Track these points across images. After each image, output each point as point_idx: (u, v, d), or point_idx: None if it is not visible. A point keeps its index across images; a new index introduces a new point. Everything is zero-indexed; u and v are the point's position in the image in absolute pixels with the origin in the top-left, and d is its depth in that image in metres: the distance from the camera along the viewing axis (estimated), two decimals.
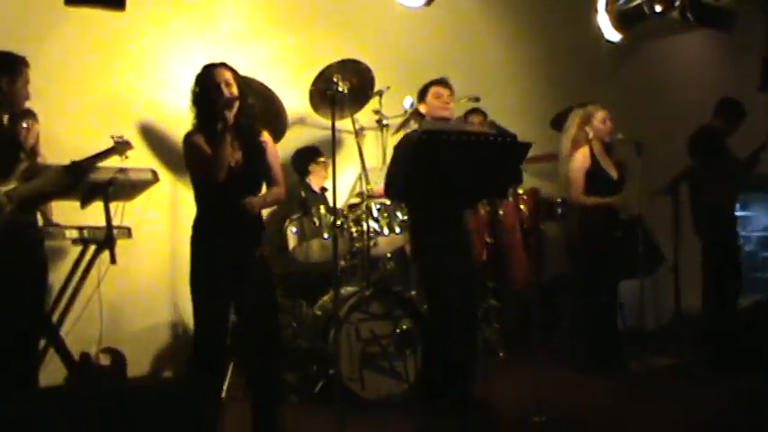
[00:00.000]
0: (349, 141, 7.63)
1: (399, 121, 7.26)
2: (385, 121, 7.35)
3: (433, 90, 5.94)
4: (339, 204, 7.11)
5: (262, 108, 5.68)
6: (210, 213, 4.94)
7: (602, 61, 9.48)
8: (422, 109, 6.00)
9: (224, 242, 4.88)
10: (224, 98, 4.80)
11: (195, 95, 4.95)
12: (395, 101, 7.15)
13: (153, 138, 7.17)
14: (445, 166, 4.56)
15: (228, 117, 4.82)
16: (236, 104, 4.87)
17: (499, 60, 9.16)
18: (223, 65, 4.96)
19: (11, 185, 5.17)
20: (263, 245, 5.07)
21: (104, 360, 6.47)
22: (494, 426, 5.52)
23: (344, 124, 7.30)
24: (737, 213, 8.04)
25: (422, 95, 6.03)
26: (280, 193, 5.14)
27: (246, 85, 5.13)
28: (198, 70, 5.01)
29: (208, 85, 4.86)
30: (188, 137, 4.97)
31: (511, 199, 7.45)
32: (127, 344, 6.63)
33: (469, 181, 4.74)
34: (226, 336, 5.01)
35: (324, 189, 7.36)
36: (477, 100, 7.42)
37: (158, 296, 7.21)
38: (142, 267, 7.01)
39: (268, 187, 5.08)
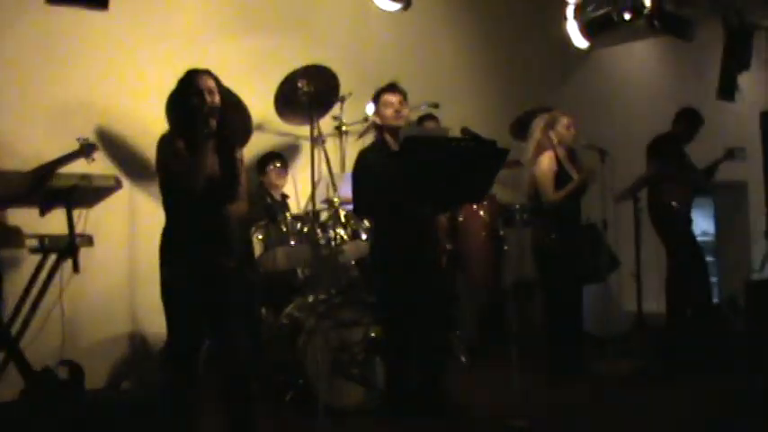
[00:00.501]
0: (307, 148, 7.56)
1: (359, 128, 7.28)
2: (344, 128, 7.30)
3: (383, 99, 5.77)
4: (297, 211, 7.11)
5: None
6: (183, 222, 4.81)
7: (558, 68, 9.58)
8: (376, 119, 5.82)
9: (196, 252, 4.77)
10: (207, 106, 4.69)
11: (176, 100, 4.82)
12: (353, 107, 7.14)
13: (110, 143, 7.02)
14: (428, 171, 4.54)
15: (212, 126, 4.70)
16: (217, 114, 4.76)
17: (459, 68, 9.24)
18: (207, 72, 4.84)
19: None
20: (235, 255, 4.98)
21: (62, 373, 6.34)
22: (469, 429, 5.50)
23: (303, 130, 7.25)
24: None
25: (375, 105, 5.86)
26: (244, 208, 5.03)
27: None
28: (177, 74, 4.88)
29: (191, 90, 4.74)
30: (166, 140, 4.80)
31: (474, 205, 7.44)
32: (84, 356, 6.43)
33: (450, 186, 4.72)
34: (200, 345, 4.91)
35: (284, 196, 7.27)
36: (436, 106, 7.46)
37: (116, 306, 7.06)
38: (99, 276, 6.79)
39: (233, 201, 4.94)
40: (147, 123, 6.89)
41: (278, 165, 7.23)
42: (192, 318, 4.82)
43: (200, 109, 4.66)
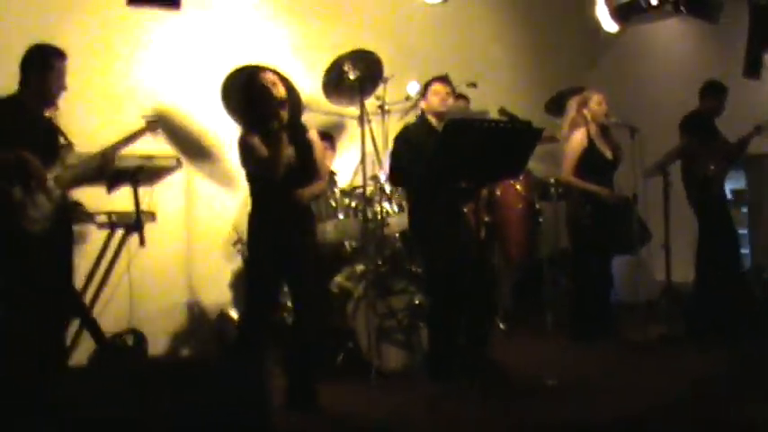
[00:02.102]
0: (351, 127, 7.94)
1: (400, 107, 7.62)
2: (387, 108, 7.64)
3: (433, 87, 6.22)
4: (343, 186, 7.48)
5: None
6: (268, 206, 5.30)
7: (588, 49, 9.88)
8: (422, 105, 6.28)
9: (281, 230, 5.30)
10: (276, 99, 5.14)
11: (246, 98, 5.29)
12: (395, 88, 7.46)
13: (165, 125, 7.24)
14: (470, 150, 4.93)
15: (282, 117, 5.15)
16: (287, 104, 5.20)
17: (494, 50, 9.51)
18: (267, 67, 5.33)
19: (56, 171, 5.47)
20: (314, 232, 5.58)
21: (128, 340, 6.77)
22: (507, 388, 5.82)
23: (347, 110, 7.63)
24: None
25: (424, 92, 6.31)
26: (324, 187, 5.56)
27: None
28: (245, 74, 5.45)
29: (258, 87, 5.20)
30: (243, 138, 5.33)
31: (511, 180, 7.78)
32: (145, 324, 6.86)
33: (490, 163, 5.12)
34: (276, 312, 5.41)
35: (332, 173, 7.66)
36: (474, 85, 7.73)
37: (175, 278, 7.46)
38: (159, 250, 7.12)
39: (314, 181, 5.46)
40: (199, 106, 7.41)
41: (325, 144, 7.62)
42: (272, 289, 5.44)
43: (270, 104, 5.12)
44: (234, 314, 7.26)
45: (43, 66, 5.47)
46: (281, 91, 5.25)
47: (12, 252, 5.26)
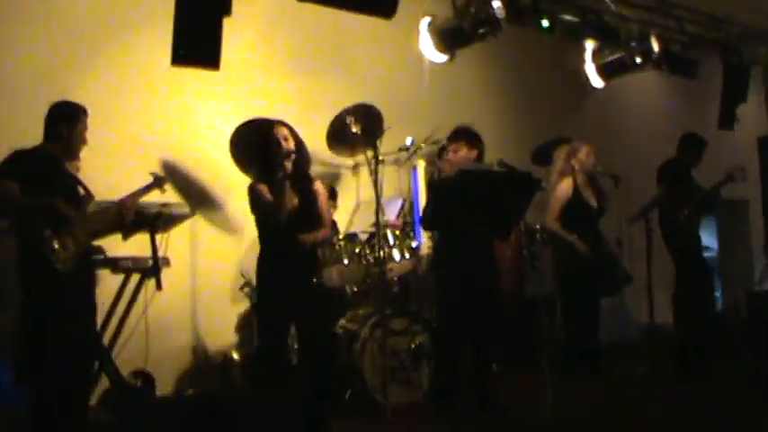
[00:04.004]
0: (346, 176, 8.32)
1: (394, 157, 8.00)
2: (381, 157, 7.99)
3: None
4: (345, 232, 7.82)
5: None
6: (273, 250, 5.69)
7: (571, 101, 10.33)
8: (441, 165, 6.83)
9: (287, 274, 5.69)
10: (284, 151, 5.58)
11: (259, 149, 5.73)
12: (388, 139, 7.81)
13: (174, 174, 7.65)
14: (478, 197, 5.35)
15: (287, 168, 5.57)
16: (293, 157, 5.62)
17: (483, 105, 9.92)
18: (280, 122, 5.74)
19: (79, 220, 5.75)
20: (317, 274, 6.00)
21: (135, 381, 7.05)
22: (507, 424, 6.16)
23: (342, 161, 8.02)
24: None
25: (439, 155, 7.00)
26: (327, 234, 6.00)
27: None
28: (259, 126, 5.85)
29: (269, 140, 5.65)
30: (252, 187, 5.77)
31: None
32: (153, 366, 7.15)
33: (496, 210, 5.53)
34: (288, 351, 5.77)
35: (333, 222, 8.00)
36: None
37: (180, 321, 7.74)
38: (164, 294, 7.08)
39: (317, 229, 5.88)
40: (204, 155, 7.75)
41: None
42: (282, 326, 5.80)
43: (278, 156, 5.56)
44: (237, 357, 7.54)
45: (72, 120, 5.75)
46: (290, 145, 5.70)
47: (42, 290, 5.47)
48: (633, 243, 8.37)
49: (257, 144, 5.84)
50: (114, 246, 6.61)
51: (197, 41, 6.22)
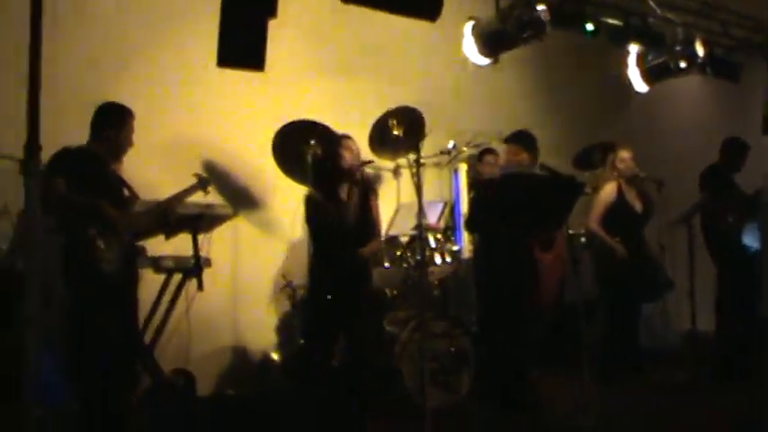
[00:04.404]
0: (388, 179, 8.33)
1: (434, 160, 8.01)
2: (422, 161, 7.99)
3: (485, 158, 6.93)
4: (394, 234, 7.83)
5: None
6: (330, 259, 5.74)
7: (614, 105, 10.29)
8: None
9: (342, 281, 5.82)
10: (349, 165, 5.62)
11: (320, 160, 5.78)
12: (429, 141, 7.81)
13: (216, 175, 7.65)
14: (520, 201, 5.34)
15: (356, 181, 5.61)
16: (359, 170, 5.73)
17: (525, 109, 9.94)
18: (347, 136, 5.83)
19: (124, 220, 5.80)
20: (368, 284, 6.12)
21: (176, 380, 7.10)
22: (545, 429, 6.21)
23: (384, 163, 8.02)
24: None
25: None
26: (380, 244, 6.03)
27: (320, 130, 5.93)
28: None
29: (334, 152, 5.69)
30: (311, 198, 5.90)
31: None
32: (192, 365, 7.20)
33: (537, 214, 5.52)
34: (330, 356, 5.80)
35: None
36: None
37: (221, 321, 7.81)
38: (205, 295, 7.22)
39: (371, 240, 6.07)
40: (247, 156, 7.79)
41: None
42: (329, 332, 5.95)
43: (342, 168, 5.61)
44: (276, 357, 7.57)
45: (119, 123, 5.82)
46: (356, 158, 5.74)
47: (87, 289, 5.54)
48: (676, 248, 8.30)
49: (322, 155, 5.91)
50: (157, 245, 6.68)
51: (242, 43, 6.24)
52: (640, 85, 8.89)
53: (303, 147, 6.80)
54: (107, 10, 7.43)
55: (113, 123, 5.81)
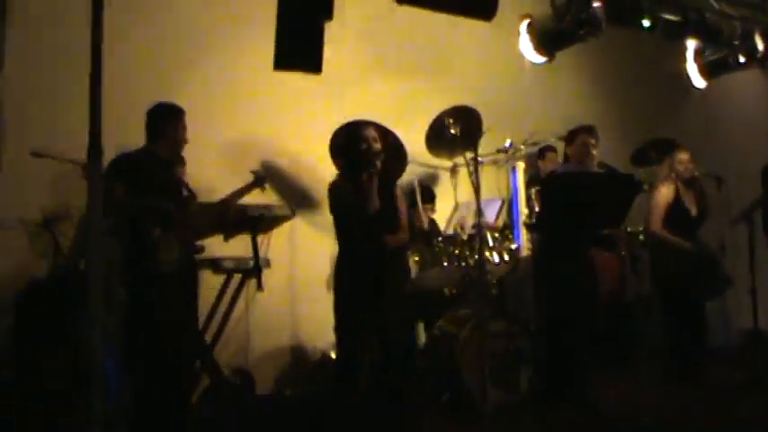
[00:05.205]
0: (445, 178, 8.32)
1: (492, 159, 8.00)
2: (480, 159, 7.99)
3: (581, 137, 6.64)
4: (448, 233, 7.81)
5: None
6: (354, 251, 5.66)
7: (672, 101, 10.19)
8: (568, 151, 6.69)
9: (367, 274, 5.67)
10: (373, 152, 5.57)
11: (344, 148, 5.72)
12: (486, 141, 7.80)
13: (273, 175, 7.76)
14: (583, 199, 5.32)
15: (376, 169, 5.56)
16: (381, 157, 5.65)
17: (582, 107, 9.82)
18: (370, 123, 5.75)
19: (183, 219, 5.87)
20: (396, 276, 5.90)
21: (236, 379, 7.17)
22: (607, 425, 6.15)
23: (441, 162, 8.02)
24: None
25: (570, 140, 6.75)
26: (405, 238, 5.97)
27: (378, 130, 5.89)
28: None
29: (356, 140, 5.63)
30: (336, 187, 5.78)
31: None
32: (251, 364, 7.31)
33: (599, 212, 5.50)
34: (368, 352, 5.75)
35: (432, 221, 8.04)
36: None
37: (279, 321, 7.86)
38: (265, 295, 7.29)
39: (396, 232, 5.86)
40: (304, 156, 7.83)
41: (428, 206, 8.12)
42: (362, 331, 5.77)
43: (366, 154, 5.54)
44: (334, 356, 7.60)
45: (173, 120, 5.90)
46: (377, 146, 5.67)
47: (148, 289, 5.62)
48: (737, 246, 8.20)
49: (344, 144, 5.82)
50: (216, 247, 6.75)
51: (299, 46, 6.28)
52: (699, 81, 8.81)
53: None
54: (164, 12, 7.51)
55: (167, 122, 5.88)
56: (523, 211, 8.21)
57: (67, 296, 6.00)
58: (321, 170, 7.53)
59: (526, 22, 7.69)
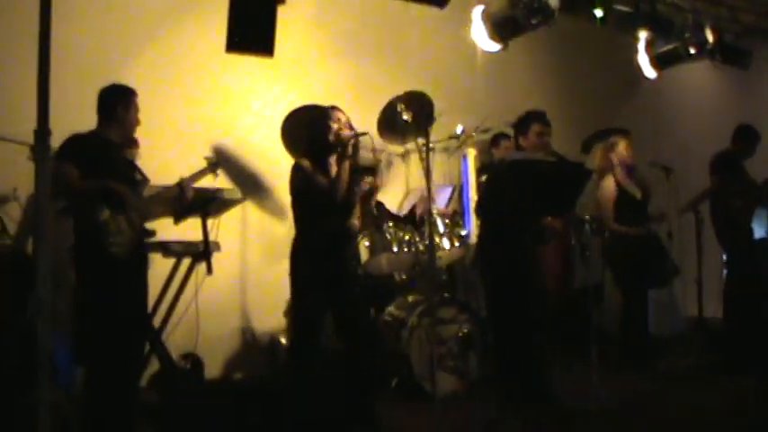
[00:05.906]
0: (396, 163, 8.33)
1: (443, 145, 8.02)
2: (431, 145, 8.00)
3: (533, 127, 6.48)
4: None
5: None
6: (318, 234, 5.65)
7: (622, 92, 10.28)
8: (520, 139, 6.53)
9: (329, 258, 5.65)
10: (348, 135, 5.55)
11: (314, 130, 5.68)
12: (438, 126, 7.82)
13: (226, 159, 7.72)
14: (530, 187, 5.35)
15: (349, 151, 5.56)
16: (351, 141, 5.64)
17: (534, 95, 9.73)
18: (333, 107, 5.77)
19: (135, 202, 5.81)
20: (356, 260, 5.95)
21: (185, 364, 7.12)
22: (553, 414, 6.16)
23: (393, 148, 8.03)
24: None
25: (523, 129, 6.54)
26: (358, 223, 5.98)
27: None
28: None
29: (329, 122, 5.61)
30: (303, 167, 5.70)
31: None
32: (200, 349, 7.20)
33: (547, 200, 5.53)
34: (322, 334, 5.77)
35: (379, 203, 8.03)
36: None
37: (229, 305, 7.84)
38: (214, 279, 7.19)
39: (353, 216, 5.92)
40: (255, 141, 7.81)
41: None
42: (320, 314, 5.74)
43: (339, 138, 5.53)
44: (283, 341, 7.59)
45: (125, 102, 5.80)
46: (348, 131, 5.68)
47: (98, 273, 5.54)
48: (684, 235, 8.30)
49: (312, 124, 5.79)
50: (165, 230, 6.69)
51: (252, 29, 6.25)
52: (649, 72, 8.89)
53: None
54: None
55: (118, 104, 5.78)
56: (474, 197, 8.23)
57: (15, 279, 5.92)
58: (273, 154, 7.59)
59: (479, 8, 7.69)
